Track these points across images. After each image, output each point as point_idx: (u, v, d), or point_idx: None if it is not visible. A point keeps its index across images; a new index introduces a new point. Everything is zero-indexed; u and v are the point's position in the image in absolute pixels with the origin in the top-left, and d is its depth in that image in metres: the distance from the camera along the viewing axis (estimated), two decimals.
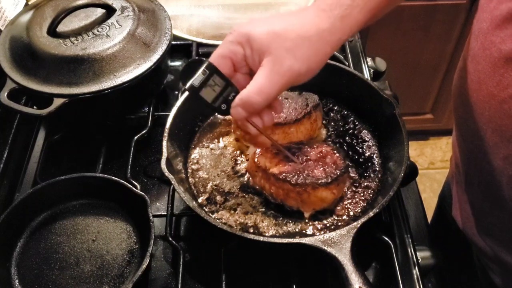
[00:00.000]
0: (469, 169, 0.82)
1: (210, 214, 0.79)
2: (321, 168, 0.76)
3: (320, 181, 0.74)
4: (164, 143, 0.80)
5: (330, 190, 0.75)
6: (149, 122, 0.93)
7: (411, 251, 0.78)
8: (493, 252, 0.81)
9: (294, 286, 0.74)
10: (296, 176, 0.75)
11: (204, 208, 0.80)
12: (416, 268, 0.77)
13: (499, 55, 0.65)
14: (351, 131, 0.91)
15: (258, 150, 0.81)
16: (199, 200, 0.81)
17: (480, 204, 0.81)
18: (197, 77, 0.66)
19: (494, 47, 0.66)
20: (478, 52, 0.70)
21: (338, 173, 0.76)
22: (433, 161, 2.37)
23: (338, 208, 0.79)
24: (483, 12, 0.70)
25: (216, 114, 0.94)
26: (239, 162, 0.87)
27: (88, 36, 0.87)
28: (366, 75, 1.06)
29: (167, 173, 0.75)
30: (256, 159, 0.79)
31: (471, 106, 0.72)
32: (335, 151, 0.79)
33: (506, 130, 0.66)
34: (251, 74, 0.67)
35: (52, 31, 0.86)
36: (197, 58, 0.67)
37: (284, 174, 0.76)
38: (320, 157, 0.78)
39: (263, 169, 0.78)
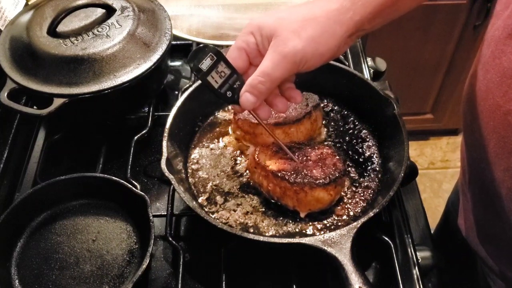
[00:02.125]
0: (472, 177, 0.81)
1: (210, 214, 0.79)
2: (320, 169, 0.76)
3: (318, 181, 0.74)
4: (164, 143, 0.80)
5: (327, 191, 0.75)
6: (149, 122, 0.93)
7: (411, 251, 0.78)
8: (497, 266, 0.80)
9: (294, 286, 0.74)
10: (294, 175, 0.75)
11: (204, 208, 0.80)
12: (416, 268, 0.77)
13: (508, 65, 0.63)
14: (351, 131, 0.91)
15: (258, 147, 0.81)
16: (199, 200, 0.81)
17: (482, 213, 0.80)
18: (205, 62, 0.68)
19: (505, 56, 0.64)
20: (489, 60, 0.69)
21: (337, 175, 0.76)
22: (433, 161, 2.37)
23: (338, 208, 0.79)
24: (497, 19, 0.68)
25: (216, 113, 0.94)
26: (239, 162, 0.87)
27: (88, 36, 0.87)
28: (366, 75, 1.06)
29: (167, 173, 0.75)
30: (256, 156, 0.79)
31: (478, 115, 0.72)
32: (336, 154, 0.79)
33: (509, 142, 0.65)
34: None
35: (52, 31, 0.86)
36: (204, 44, 0.68)
37: (282, 171, 0.76)
38: (320, 158, 0.78)
39: (262, 166, 0.78)
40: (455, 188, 1.06)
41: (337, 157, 0.79)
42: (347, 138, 0.90)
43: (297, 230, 0.77)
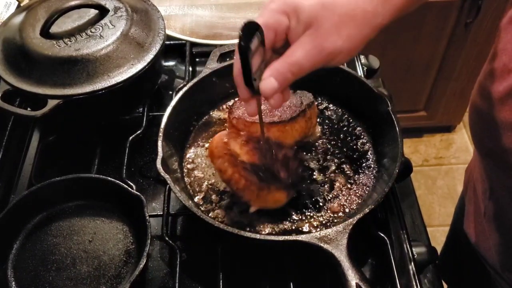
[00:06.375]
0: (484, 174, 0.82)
1: (206, 213, 0.79)
2: (285, 171, 0.76)
3: (283, 184, 0.75)
4: (159, 143, 0.80)
5: (286, 195, 0.76)
6: (144, 122, 0.93)
7: (406, 247, 0.79)
8: (507, 272, 0.80)
9: (291, 284, 0.74)
10: (265, 172, 0.74)
11: (200, 207, 0.80)
12: (412, 263, 0.77)
13: None
14: (345, 128, 0.91)
15: (227, 131, 0.78)
16: (195, 199, 0.81)
17: (492, 219, 0.81)
18: (253, 41, 0.58)
19: None
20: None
21: (299, 181, 0.77)
22: (427, 158, 2.38)
23: (334, 205, 0.79)
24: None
25: (211, 113, 0.94)
26: None
27: (82, 37, 0.87)
28: (360, 72, 1.06)
29: (162, 172, 0.75)
30: (226, 141, 0.75)
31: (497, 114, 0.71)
32: (296, 158, 0.79)
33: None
34: (279, 52, 0.62)
35: (45, 32, 0.86)
36: (252, 20, 0.59)
37: (255, 166, 0.74)
38: (284, 160, 0.77)
39: (232, 153, 0.74)
40: (461, 195, 1.05)
41: (297, 162, 0.78)
42: (341, 135, 0.90)
43: (293, 227, 0.77)
